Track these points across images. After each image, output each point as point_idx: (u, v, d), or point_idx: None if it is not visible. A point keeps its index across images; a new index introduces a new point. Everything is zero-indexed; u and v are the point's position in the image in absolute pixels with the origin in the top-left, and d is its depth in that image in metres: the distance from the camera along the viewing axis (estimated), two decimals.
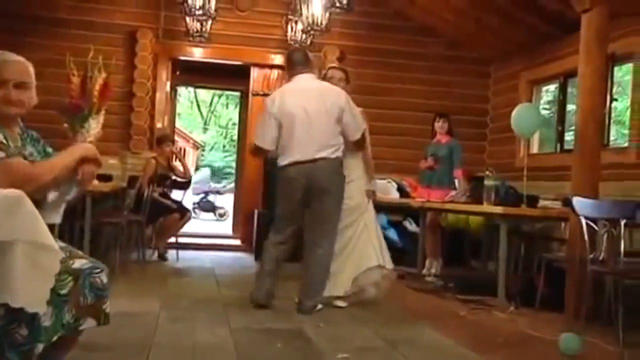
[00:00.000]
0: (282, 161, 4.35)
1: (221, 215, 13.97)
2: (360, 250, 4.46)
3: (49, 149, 2.46)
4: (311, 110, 4.27)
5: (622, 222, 3.75)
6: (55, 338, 2.11)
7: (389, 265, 4.59)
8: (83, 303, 2.16)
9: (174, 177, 7.05)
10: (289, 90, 4.43)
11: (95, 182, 5.31)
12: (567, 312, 4.28)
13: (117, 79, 7.01)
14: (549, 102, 9.21)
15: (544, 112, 9.34)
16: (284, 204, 4.40)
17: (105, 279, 2.24)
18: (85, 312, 2.17)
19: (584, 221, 3.84)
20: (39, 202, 2.14)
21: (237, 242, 8.41)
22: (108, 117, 6.47)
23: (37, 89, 2.37)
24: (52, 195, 2.27)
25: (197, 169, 34.17)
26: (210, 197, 14.92)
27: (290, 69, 4.51)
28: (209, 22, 6.79)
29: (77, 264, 2.20)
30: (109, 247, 5.76)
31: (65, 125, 5.65)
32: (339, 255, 4.44)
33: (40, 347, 2.04)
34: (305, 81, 4.42)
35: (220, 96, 35.49)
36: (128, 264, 5.81)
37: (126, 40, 7.34)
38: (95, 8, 7.33)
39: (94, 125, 5.65)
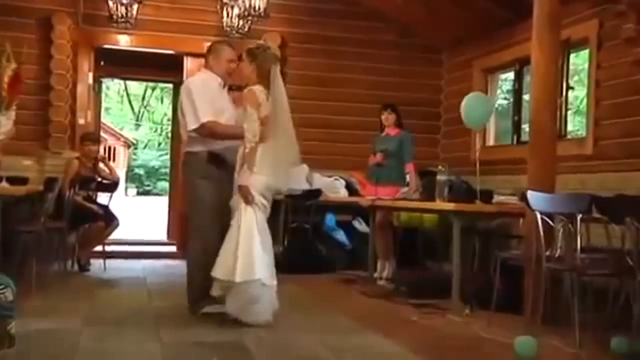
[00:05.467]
0: None
1: None
2: None
3: None
4: None
5: (579, 217, 3.87)
6: None
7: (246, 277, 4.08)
8: None
9: (99, 179, 6.90)
10: None
11: (5, 185, 5.16)
12: (525, 313, 4.38)
13: (30, 70, 6.79)
14: (507, 91, 9.45)
15: (503, 101, 9.59)
16: None
17: (10, 296, 2.17)
18: None
19: (539, 216, 3.95)
20: None
21: (173, 248, 8.29)
22: (22, 112, 6.28)
23: None
24: None
25: (129, 169, 33.73)
26: None
27: None
28: (135, 6, 6.68)
29: None
30: (25, 259, 5.58)
31: None
32: None
33: None
34: None
35: (153, 89, 35.02)
36: (47, 276, 5.63)
37: (40, 25, 7.08)
38: None
39: (4, 122, 5.48)
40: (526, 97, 6.97)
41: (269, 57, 4.43)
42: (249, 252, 4.11)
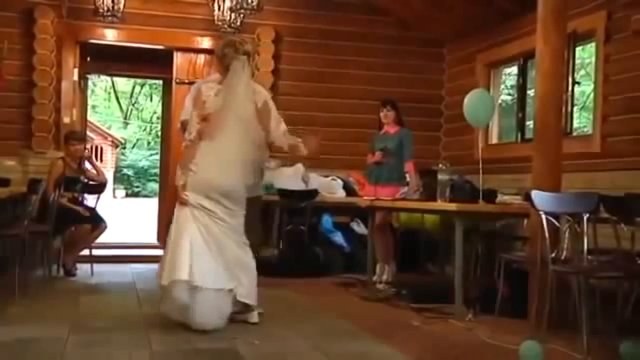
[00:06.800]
0: None
1: None
2: None
3: None
4: None
5: (585, 217, 3.88)
6: None
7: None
8: None
9: (85, 180, 6.89)
10: None
11: None
12: (530, 318, 4.39)
13: (12, 66, 6.80)
14: (511, 87, 9.46)
15: (507, 97, 9.61)
16: None
17: None
18: None
19: (544, 217, 3.96)
20: None
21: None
22: (4, 111, 6.29)
23: None
24: None
25: (117, 170, 33.69)
26: None
27: None
28: None
29: None
30: (8, 264, 5.58)
31: None
32: None
33: None
34: None
35: (142, 86, 35.06)
36: (31, 282, 5.63)
37: (22, 19, 7.07)
38: None
39: None
40: (531, 92, 6.98)
41: (228, 53, 4.44)
42: (176, 253, 4.18)
